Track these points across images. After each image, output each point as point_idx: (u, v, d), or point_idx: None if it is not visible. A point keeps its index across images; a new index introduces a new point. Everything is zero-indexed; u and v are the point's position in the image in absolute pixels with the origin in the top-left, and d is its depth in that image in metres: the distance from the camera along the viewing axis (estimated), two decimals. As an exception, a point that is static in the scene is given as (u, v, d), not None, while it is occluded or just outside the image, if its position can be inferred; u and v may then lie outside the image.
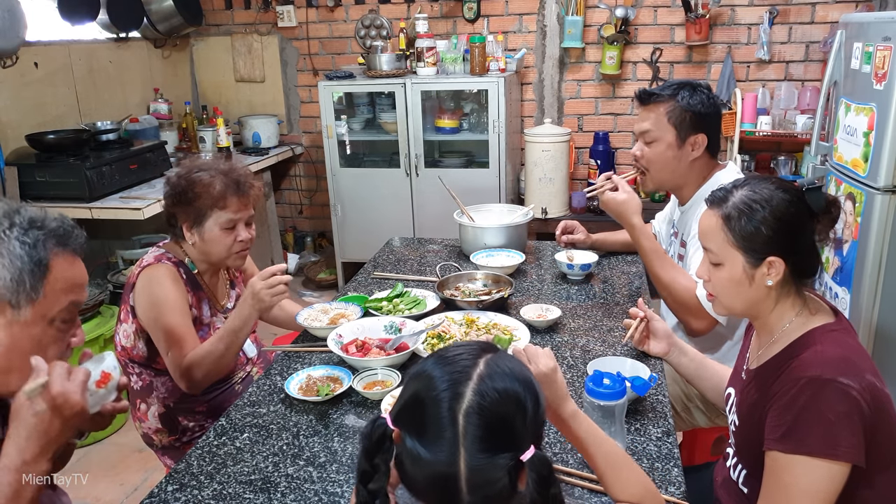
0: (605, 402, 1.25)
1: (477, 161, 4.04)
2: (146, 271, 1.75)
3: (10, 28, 2.98)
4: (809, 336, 1.19)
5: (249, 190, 1.79)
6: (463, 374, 0.83)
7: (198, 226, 1.75)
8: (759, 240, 1.20)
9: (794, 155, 3.73)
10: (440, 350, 0.91)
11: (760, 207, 1.20)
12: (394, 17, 4.18)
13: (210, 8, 4.49)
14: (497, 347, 0.91)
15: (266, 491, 1.24)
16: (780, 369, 1.19)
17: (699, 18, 3.69)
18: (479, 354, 0.86)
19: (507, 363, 0.87)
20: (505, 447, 0.81)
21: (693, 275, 1.80)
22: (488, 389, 0.81)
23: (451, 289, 2.07)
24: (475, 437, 0.80)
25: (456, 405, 0.81)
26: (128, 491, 2.60)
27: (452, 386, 0.82)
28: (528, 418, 0.83)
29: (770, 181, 1.25)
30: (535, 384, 0.87)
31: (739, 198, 1.23)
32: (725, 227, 1.23)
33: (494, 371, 0.84)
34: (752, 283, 1.23)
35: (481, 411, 0.80)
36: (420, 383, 0.86)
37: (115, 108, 3.87)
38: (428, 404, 0.83)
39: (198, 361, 1.68)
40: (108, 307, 3.05)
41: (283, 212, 4.85)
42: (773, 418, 1.14)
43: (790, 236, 1.20)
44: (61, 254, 1.07)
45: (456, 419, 0.80)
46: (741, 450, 1.30)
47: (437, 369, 0.85)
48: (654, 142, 1.90)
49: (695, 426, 1.98)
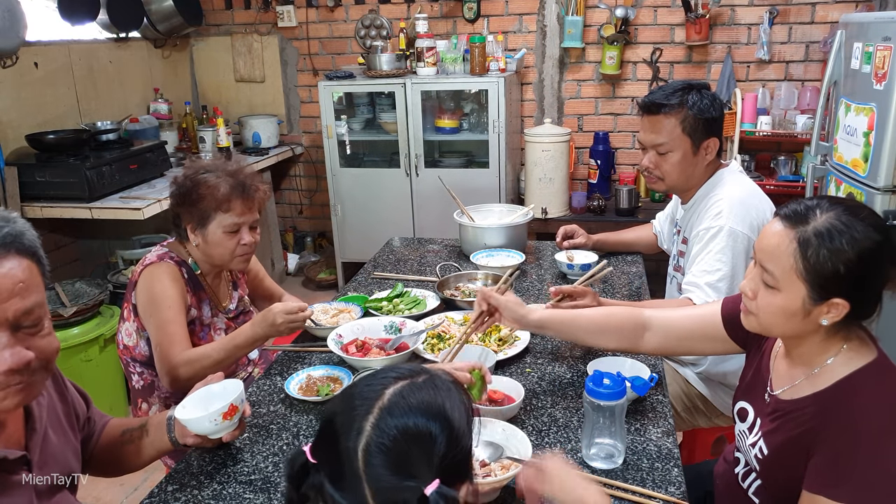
0: (605, 402, 1.25)
1: (477, 161, 4.03)
2: (148, 269, 1.75)
3: (10, 28, 2.98)
4: (862, 377, 1.11)
5: (255, 193, 1.79)
6: (366, 406, 0.80)
7: (201, 227, 1.75)
8: (833, 277, 1.06)
9: (794, 155, 3.73)
10: (364, 376, 0.88)
11: (846, 244, 1.04)
12: (394, 17, 4.18)
13: (210, 8, 4.49)
14: (421, 373, 0.85)
15: (266, 491, 1.24)
16: (831, 411, 1.12)
17: (699, 18, 3.69)
18: (390, 384, 0.82)
19: (419, 394, 0.81)
20: (411, 477, 0.77)
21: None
22: (387, 425, 0.78)
23: (451, 289, 2.07)
24: (376, 474, 0.77)
25: (357, 441, 0.78)
26: (128, 491, 2.60)
27: (355, 420, 0.79)
28: (438, 450, 0.78)
29: (861, 210, 1.09)
30: (454, 417, 0.81)
31: (823, 224, 1.07)
32: (799, 252, 1.07)
33: (398, 403, 0.80)
34: (805, 318, 1.11)
35: (379, 448, 0.77)
36: (328, 415, 0.84)
37: (115, 108, 3.86)
38: (333, 440, 0.81)
39: (190, 361, 1.66)
40: (108, 307, 3.06)
41: (283, 212, 4.85)
42: (825, 462, 1.09)
43: (863, 281, 1.07)
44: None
45: (356, 455, 0.78)
46: (767, 476, 1.25)
47: (344, 402, 0.83)
48: (668, 152, 1.85)
49: (695, 426, 1.98)
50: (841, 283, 1.06)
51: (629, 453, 1.30)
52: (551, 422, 1.42)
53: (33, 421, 1.11)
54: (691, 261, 1.83)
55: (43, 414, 1.14)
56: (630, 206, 3.76)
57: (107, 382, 2.98)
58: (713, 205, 1.82)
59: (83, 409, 1.30)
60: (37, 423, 1.11)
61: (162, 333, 1.69)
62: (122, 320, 1.83)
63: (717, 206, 1.80)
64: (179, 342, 1.69)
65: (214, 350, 1.69)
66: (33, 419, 1.11)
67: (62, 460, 1.16)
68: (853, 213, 1.08)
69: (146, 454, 1.35)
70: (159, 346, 1.70)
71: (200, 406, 1.30)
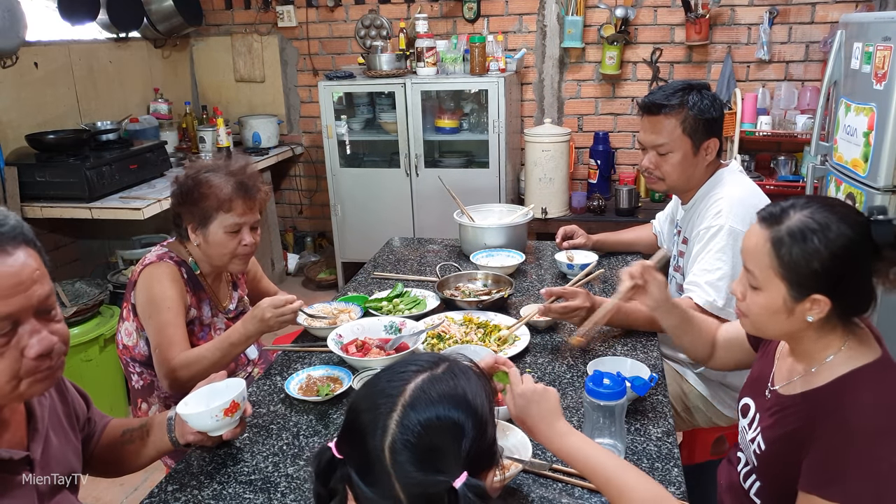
0: (605, 402, 1.25)
1: (477, 161, 4.04)
2: (148, 269, 1.75)
3: (10, 28, 2.98)
4: (860, 375, 1.11)
5: (257, 193, 1.78)
6: (389, 404, 0.80)
7: (203, 227, 1.75)
8: (808, 274, 1.08)
9: (794, 155, 3.73)
10: (385, 369, 0.88)
11: (816, 239, 1.07)
12: (394, 17, 4.18)
13: (210, 8, 4.49)
14: (440, 362, 0.86)
15: (266, 491, 1.24)
16: (827, 408, 1.12)
17: (699, 18, 3.69)
18: (411, 378, 0.82)
19: (440, 386, 0.82)
20: (439, 472, 0.77)
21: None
22: (411, 422, 0.78)
23: (451, 289, 2.07)
24: (404, 470, 0.77)
25: (382, 440, 0.78)
26: (128, 491, 2.60)
27: (379, 418, 0.80)
28: (465, 441, 0.79)
29: (835, 208, 1.11)
30: (477, 404, 0.82)
31: (796, 222, 1.10)
32: (773, 251, 1.11)
33: (420, 398, 0.80)
34: (790, 316, 1.13)
35: (405, 445, 0.77)
36: (353, 412, 0.84)
37: (115, 108, 3.87)
38: (359, 437, 0.81)
39: (188, 364, 1.66)
40: (108, 307, 3.06)
41: (283, 212, 4.85)
42: (818, 462, 1.09)
43: (842, 276, 1.08)
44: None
45: (383, 453, 0.78)
46: (764, 473, 1.25)
47: (367, 399, 0.83)
48: (669, 153, 1.85)
49: (695, 426, 1.98)
50: (818, 280, 1.09)
51: (629, 453, 1.30)
52: (551, 422, 1.42)
53: (35, 421, 1.11)
54: (692, 260, 1.83)
55: (45, 414, 1.14)
56: (630, 206, 3.76)
57: (107, 382, 2.98)
58: (713, 204, 1.82)
59: (83, 409, 1.30)
60: (39, 423, 1.11)
61: (161, 336, 1.69)
62: (121, 320, 1.83)
63: (717, 205, 1.81)
64: (178, 344, 1.69)
65: (210, 351, 1.68)
66: (35, 419, 1.11)
67: (63, 460, 1.16)
68: (828, 211, 1.10)
69: (146, 454, 1.35)
70: (158, 348, 1.70)
71: (202, 403, 1.30)
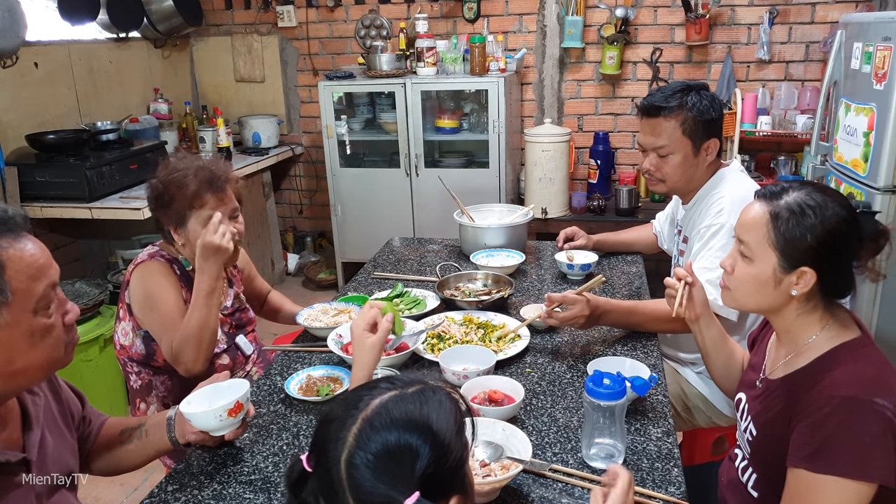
0: (605, 402, 1.25)
1: (477, 161, 4.04)
2: (139, 268, 1.76)
3: (10, 28, 2.98)
4: (839, 352, 1.17)
5: (225, 184, 1.77)
6: (352, 417, 0.80)
7: (181, 227, 1.75)
8: (801, 247, 1.16)
9: (794, 155, 3.73)
10: (363, 384, 0.88)
11: (813, 214, 1.15)
12: (394, 17, 4.18)
13: (210, 8, 4.49)
14: (414, 384, 0.84)
15: (266, 491, 1.24)
16: (808, 384, 1.16)
17: (699, 18, 3.69)
18: (378, 395, 0.82)
19: (404, 406, 0.80)
20: (391, 487, 0.77)
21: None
22: (368, 437, 0.78)
23: (451, 289, 2.07)
24: (356, 483, 0.77)
25: (340, 452, 0.78)
26: (128, 491, 2.60)
27: (341, 430, 0.80)
28: (419, 462, 0.77)
29: (828, 191, 1.20)
30: (440, 429, 0.79)
31: (794, 198, 1.18)
32: (771, 223, 1.19)
33: (381, 415, 0.79)
34: (776, 287, 1.20)
35: (361, 459, 0.77)
36: (321, 423, 0.84)
37: (115, 108, 3.86)
38: (322, 448, 0.81)
39: (182, 341, 1.64)
40: (108, 307, 3.06)
41: (283, 212, 4.85)
42: (802, 435, 1.12)
43: (832, 252, 1.16)
44: (9, 244, 1.00)
45: (339, 465, 0.78)
46: (756, 458, 1.28)
47: (337, 408, 0.83)
48: (669, 155, 1.85)
49: (695, 426, 1.98)
50: (809, 253, 1.16)
51: (629, 453, 1.31)
52: (551, 422, 1.42)
53: (30, 420, 1.11)
54: (692, 258, 1.83)
55: (39, 413, 1.14)
56: (630, 206, 3.76)
57: (107, 382, 2.98)
58: (715, 202, 1.82)
59: (78, 408, 1.30)
60: (33, 422, 1.11)
61: (164, 328, 1.69)
62: (117, 320, 1.83)
63: (718, 203, 1.81)
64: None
65: (191, 314, 1.66)
66: (30, 418, 1.11)
67: (60, 460, 1.16)
68: (823, 192, 1.19)
69: (145, 454, 1.35)
70: (163, 339, 1.69)
71: (205, 403, 1.30)
